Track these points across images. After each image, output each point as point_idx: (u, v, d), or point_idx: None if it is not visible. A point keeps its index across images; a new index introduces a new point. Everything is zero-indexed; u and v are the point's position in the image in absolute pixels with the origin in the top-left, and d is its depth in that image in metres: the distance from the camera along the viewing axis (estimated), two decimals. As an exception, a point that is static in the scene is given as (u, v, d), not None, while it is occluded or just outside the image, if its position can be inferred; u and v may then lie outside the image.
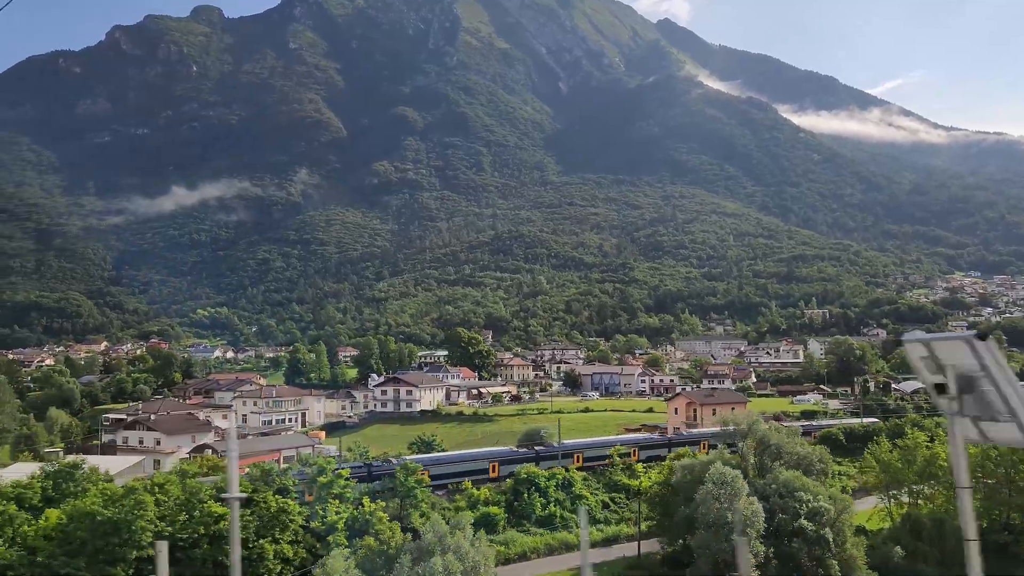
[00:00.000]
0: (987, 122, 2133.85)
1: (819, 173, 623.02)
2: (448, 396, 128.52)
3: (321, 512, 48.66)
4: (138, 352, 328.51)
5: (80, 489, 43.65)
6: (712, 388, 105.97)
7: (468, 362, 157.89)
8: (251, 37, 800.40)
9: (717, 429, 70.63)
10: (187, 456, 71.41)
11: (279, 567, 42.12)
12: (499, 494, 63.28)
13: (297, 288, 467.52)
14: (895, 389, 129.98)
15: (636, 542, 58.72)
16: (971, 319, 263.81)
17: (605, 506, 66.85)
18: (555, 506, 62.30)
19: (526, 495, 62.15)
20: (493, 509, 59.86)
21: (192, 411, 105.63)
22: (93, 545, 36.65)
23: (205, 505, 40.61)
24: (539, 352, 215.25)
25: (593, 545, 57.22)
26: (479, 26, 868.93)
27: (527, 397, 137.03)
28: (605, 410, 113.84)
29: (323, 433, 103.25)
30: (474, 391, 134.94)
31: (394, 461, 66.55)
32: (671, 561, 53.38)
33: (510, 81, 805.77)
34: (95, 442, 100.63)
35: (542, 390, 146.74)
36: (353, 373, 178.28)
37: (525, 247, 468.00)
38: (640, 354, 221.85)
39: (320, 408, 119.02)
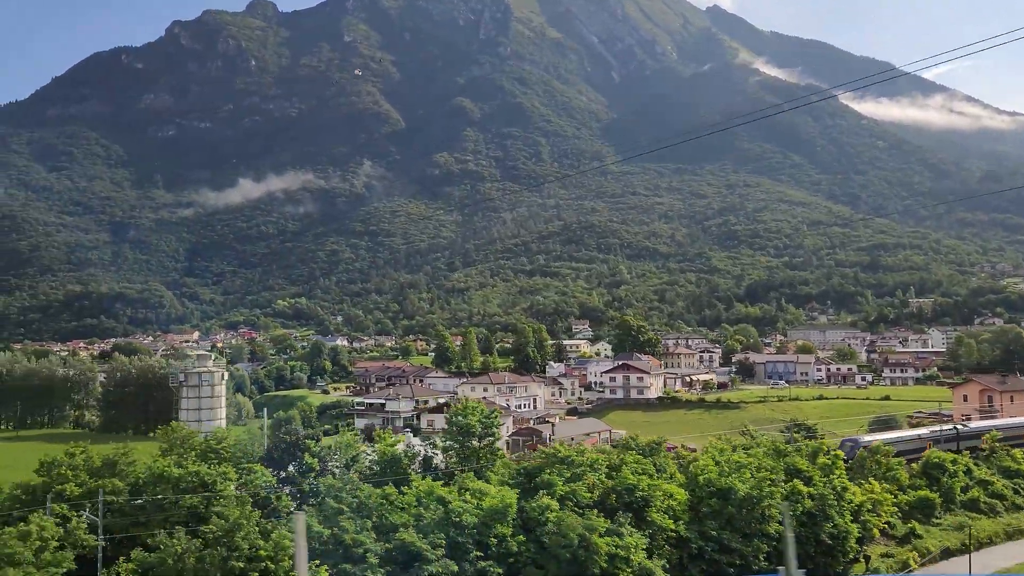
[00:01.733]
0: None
1: (885, 161, 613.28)
2: (664, 383, 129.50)
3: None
4: (233, 341, 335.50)
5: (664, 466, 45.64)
6: (1003, 375, 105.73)
7: (636, 350, 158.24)
8: (306, 30, 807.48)
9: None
10: (519, 438, 73.50)
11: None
12: (916, 478, 63.82)
13: (370, 279, 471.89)
14: None
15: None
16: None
17: (1015, 491, 66.79)
18: (977, 490, 62.93)
19: (944, 479, 62.66)
20: (925, 492, 60.34)
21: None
22: (739, 518, 38.46)
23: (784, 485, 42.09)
24: (662, 342, 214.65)
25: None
26: (530, 16, 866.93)
27: (731, 385, 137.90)
28: (837, 398, 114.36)
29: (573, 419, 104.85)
30: (686, 378, 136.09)
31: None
32: None
33: (563, 71, 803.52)
34: (336, 423, 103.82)
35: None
36: (504, 362, 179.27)
37: (597, 237, 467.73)
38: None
39: (540, 394, 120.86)
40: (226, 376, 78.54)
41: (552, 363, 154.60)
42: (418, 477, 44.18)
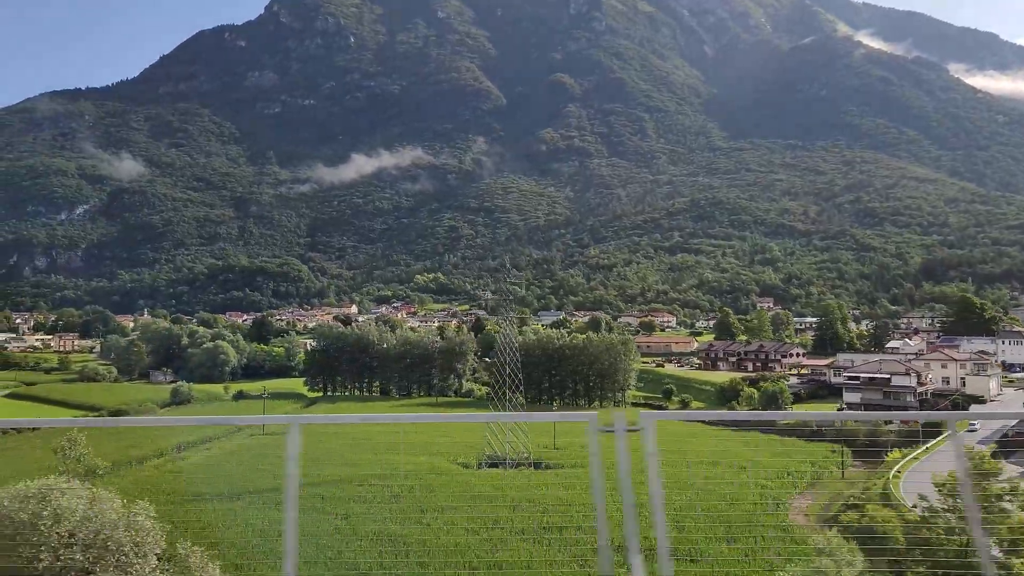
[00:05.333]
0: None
1: (1008, 136, 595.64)
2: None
3: None
4: (398, 316, 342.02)
5: None
6: None
7: (981, 329, 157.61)
8: (399, 6, 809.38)
9: None
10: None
11: None
12: None
13: (496, 255, 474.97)
14: None
15: None
16: None
17: None
18: None
19: None
20: None
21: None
22: None
23: None
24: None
25: None
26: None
27: None
28: None
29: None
30: None
31: None
32: None
33: (658, 45, 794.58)
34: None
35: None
36: (801, 339, 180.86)
37: (728, 214, 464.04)
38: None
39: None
40: None
41: (908, 340, 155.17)
42: None
